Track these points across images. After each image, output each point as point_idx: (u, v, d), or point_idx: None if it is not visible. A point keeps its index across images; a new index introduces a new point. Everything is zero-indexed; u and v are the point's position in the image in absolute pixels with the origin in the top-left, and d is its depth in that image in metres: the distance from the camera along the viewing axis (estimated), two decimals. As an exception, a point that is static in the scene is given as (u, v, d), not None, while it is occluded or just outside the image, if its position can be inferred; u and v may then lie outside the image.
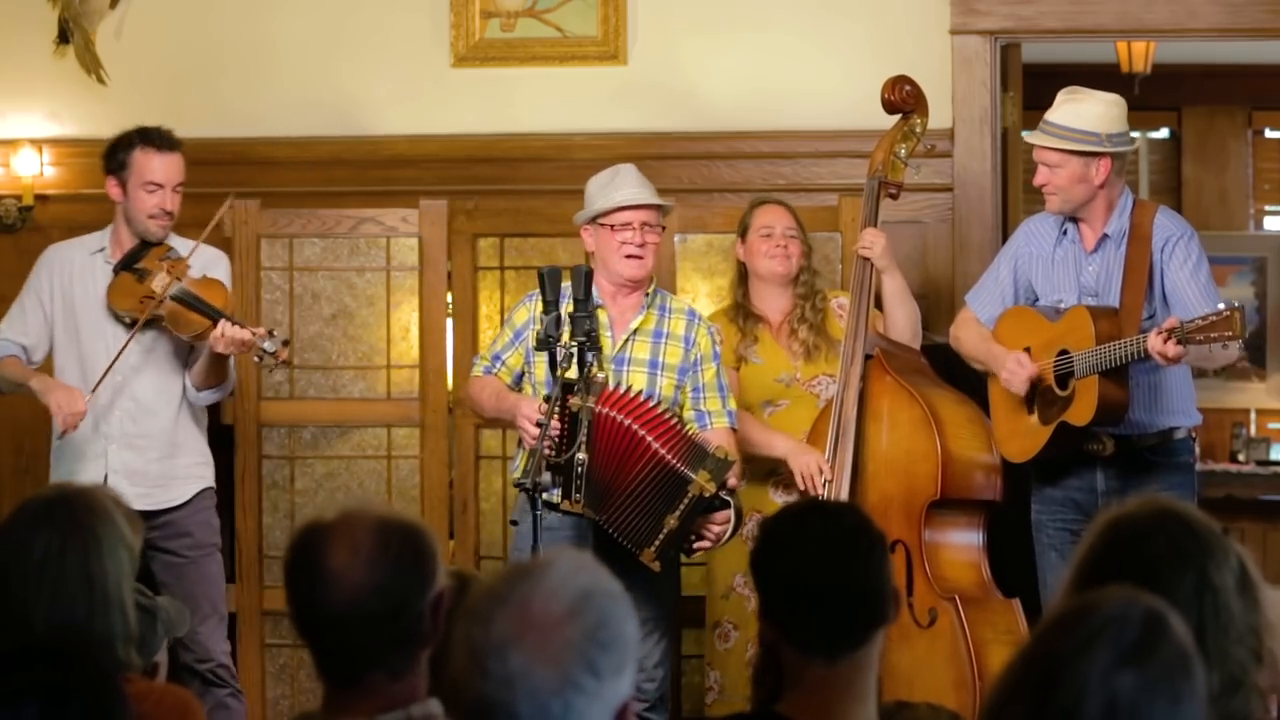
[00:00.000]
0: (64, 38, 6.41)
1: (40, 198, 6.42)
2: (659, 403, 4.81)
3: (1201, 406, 5.19)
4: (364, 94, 6.37)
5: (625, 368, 4.92)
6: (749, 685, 2.74)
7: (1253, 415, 9.37)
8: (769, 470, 5.30)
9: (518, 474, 4.94)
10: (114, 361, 5.13)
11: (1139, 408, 4.92)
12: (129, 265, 5.24)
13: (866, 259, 5.26)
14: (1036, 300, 5.13)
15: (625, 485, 4.68)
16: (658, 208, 5.00)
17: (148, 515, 5.19)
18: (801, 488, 5.13)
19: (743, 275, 5.43)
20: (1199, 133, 9.81)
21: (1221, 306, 4.58)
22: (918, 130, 5.43)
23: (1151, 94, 9.02)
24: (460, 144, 6.28)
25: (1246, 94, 9.68)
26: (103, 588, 2.83)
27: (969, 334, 5.23)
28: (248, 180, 6.18)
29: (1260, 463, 9.07)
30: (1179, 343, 4.58)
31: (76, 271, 5.31)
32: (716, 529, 4.77)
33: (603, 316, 4.92)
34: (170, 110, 6.37)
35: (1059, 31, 6.23)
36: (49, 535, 2.83)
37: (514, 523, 4.97)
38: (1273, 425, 9.40)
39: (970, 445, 5.12)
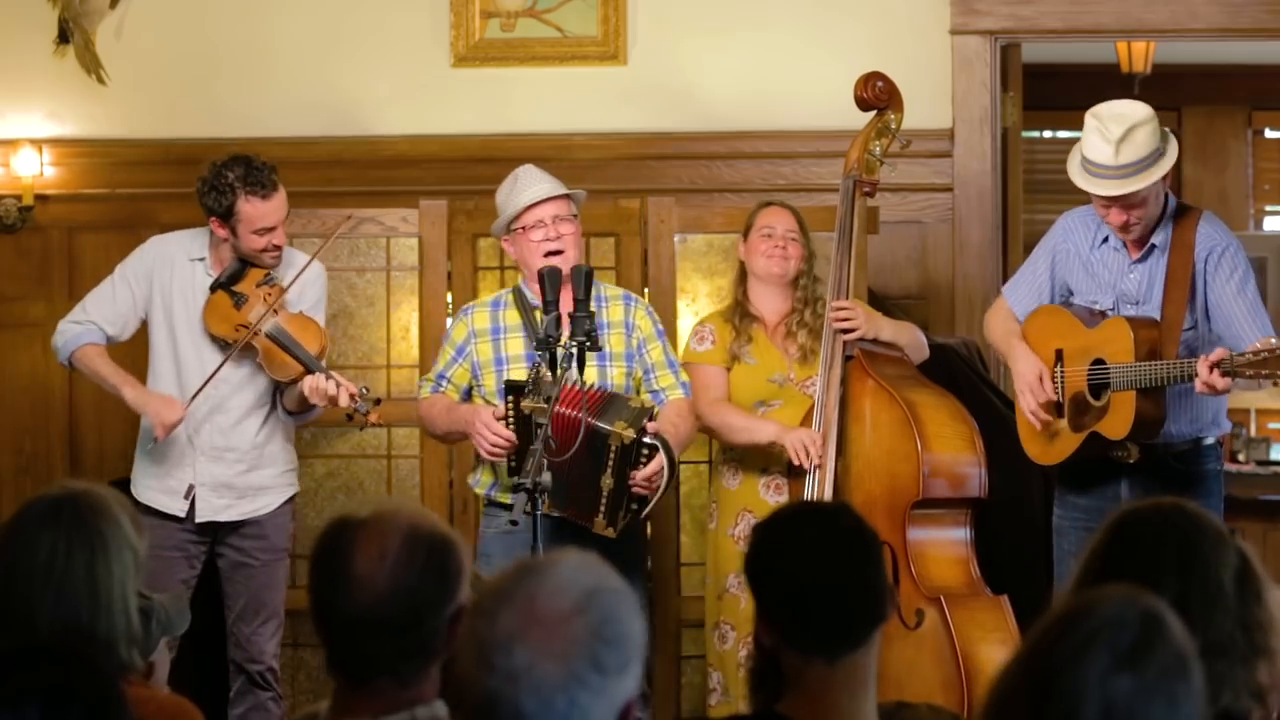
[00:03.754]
0: (64, 38, 6.41)
1: (40, 198, 6.42)
2: (592, 386, 4.79)
3: (1202, 407, 5.15)
4: (364, 94, 6.37)
5: (572, 364, 4.91)
6: (744, 686, 2.74)
7: (1253, 415, 9.37)
8: (761, 467, 5.29)
9: (482, 486, 4.98)
10: (208, 380, 5.09)
11: (1172, 419, 4.82)
12: (227, 285, 5.16)
13: (843, 330, 5.18)
14: (1070, 297, 5.04)
15: (566, 464, 4.63)
16: (566, 198, 4.99)
17: (230, 521, 5.19)
18: (796, 462, 5.11)
19: (742, 274, 5.43)
20: (1199, 133, 9.81)
21: (1274, 342, 4.45)
22: (892, 127, 5.38)
23: (1151, 94, 8.99)
24: (460, 144, 6.28)
25: (1246, 94, 9.69)
26: (107, 589, 2.83)
27: (998, 325, 5.14)
28: (247, 180, 6.18)
29: (1260, 463, 9.07)
30: (1226, 374, 4.48)
31: (176, 275, 5.22)
32: (649, 474, 4.74)
33: (541, 319, 4.92)
34: (170, 110, 6.39)
35: (1059, 31, 6.24)
36: (55, 535, 2.82)
37: (514, 523, 4.97)
38: (1273, 425, 9.40)
39: (951, 444, 5.11)
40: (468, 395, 5.01)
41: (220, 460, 5.19)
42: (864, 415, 5.17)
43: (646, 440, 4.73)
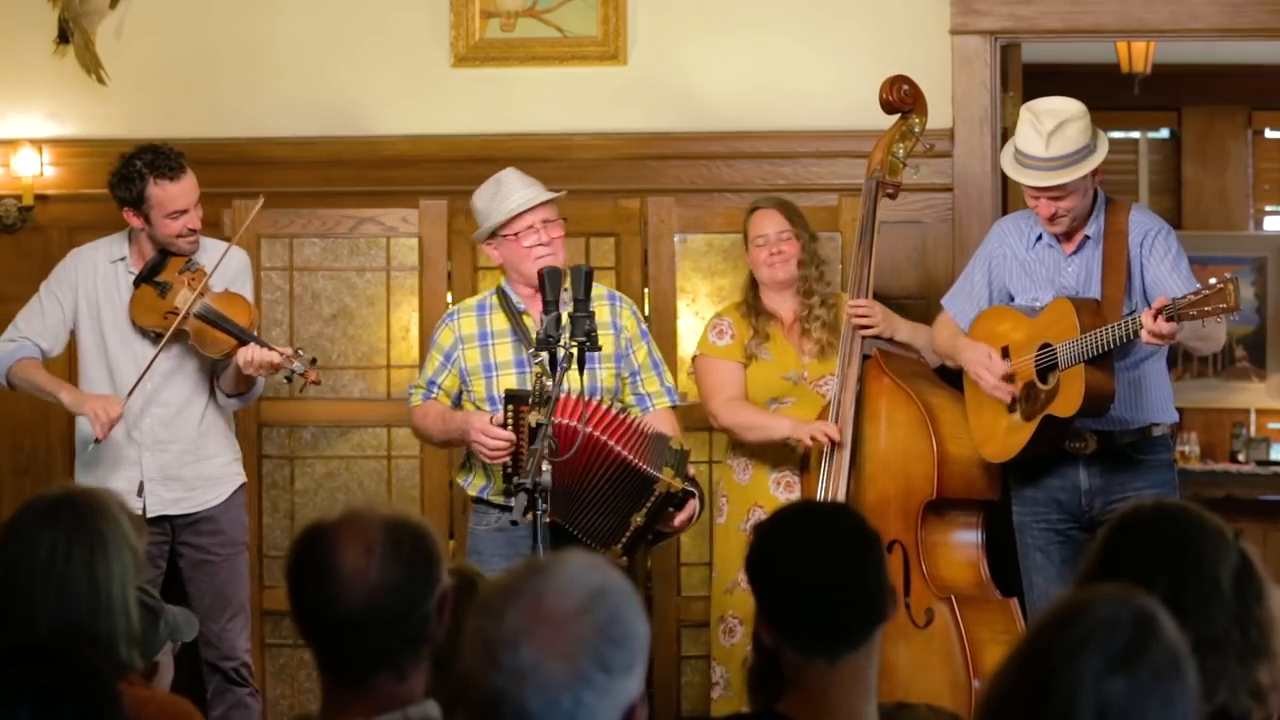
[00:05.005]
0: (64, 38, 6.41)
1: (40, 198, 6.42)
2: (603, 400, 4.84)
3: (1201, 406, 5.21)
4: (364, 94, 6.37)
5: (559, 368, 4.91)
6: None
7: (1253, 415, 9.37)
8: (773, 463, 5.31)
9: (474, 489, 4.99)
10: (143, 374, 5.13)
11: (1120, 404, 4.93)
12: (150, 277, 5.22)
13: (861, 328, 5.23)
14: (1012, 300, 5.14)
15: (588, 489, 4.72)
16: (550, 202, 5.01)
17: (182, 517, 5.21)
18: (810, 444, 5.14)
19: (752, 279, 5.46)
20: (1199, 133, 9.81)
21: (1214, 281, 4.56)
22: (916, 130, 5.43)
23: (1151, 94, 9.03)
24: (460, 144, 6.27)
25: (1246, 94, 9.68)
26: (107, 588, 2.83)
27: (942, 333, 5.26)
28: (247, 180, 6.17)
29: (1260, 463, 9.07)
30: (1170, 319, 4.60)
31: (100, 279, 5.29)
32: (682, 518, 4.82)
33: (529, 322, 4.93)
34: (170, 110, 6.38)
35: (1059, 31, 6.24)
36: (55, 535, 2.83)
37: (514, 523, 4.96)
38: (1273, 425, 9.39)
39: (968, 445, 5.13)
40: (458, 401, 5.01)
41: (165, 451, 5.23)
42: (880, 414, 5.18)
43: (687, 488, 4.78)
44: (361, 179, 6.32)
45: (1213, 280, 4.58)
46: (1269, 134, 9.91)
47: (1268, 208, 9.93)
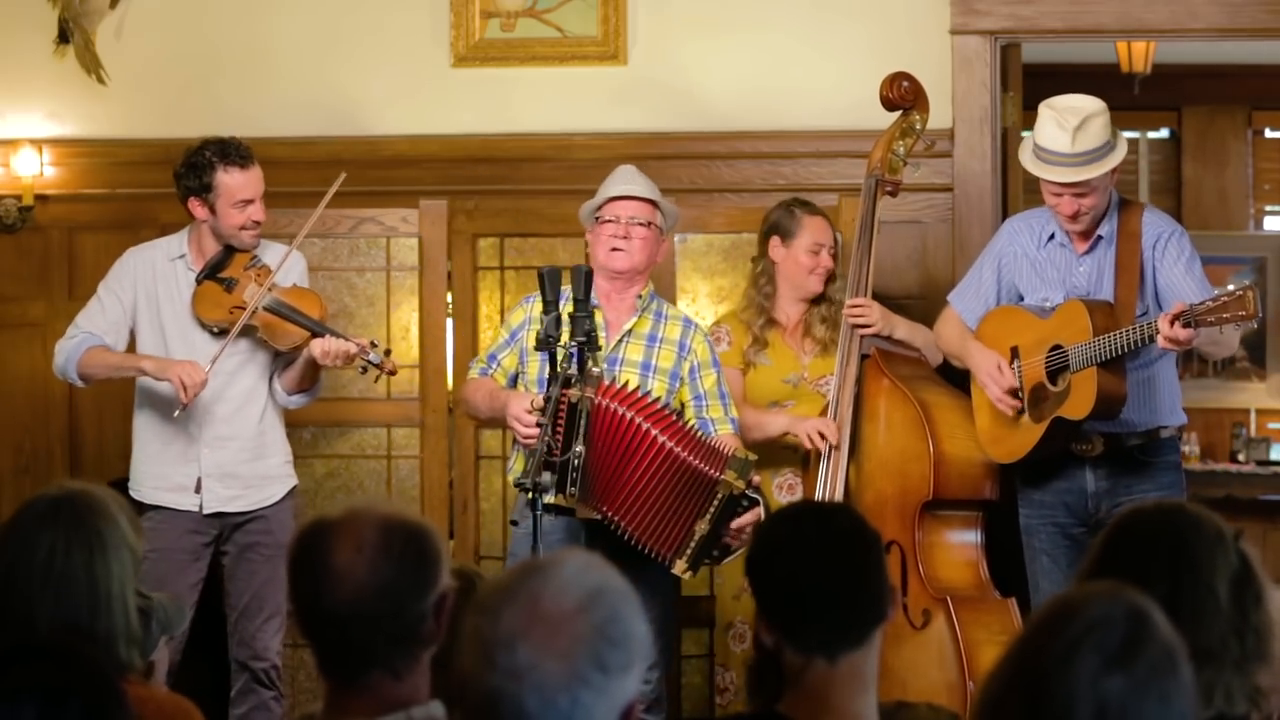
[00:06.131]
0: (64, 38, 6.41)
1: (40, 198, 6.41)
2: (656, 399, 4.79)
3: (1201, 406, 5.21)
4: (363, 94, 6.36)
5: (618, 368, 4.91)
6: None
7: (1253, 415, 9.38)
8: (774, 467, 5.30)
9: (515, 474, 4.93)
10: (224, 346, 5.11)
11: (1130, 407, 4.90)
12: (214, 274, 5.20)
13: (859, 327, 5.21)
14: (1021, 300, 5.12)
15: (634, 484, 4.63)
16: (648, 203, 4.98)
17: (236, 515, 5.20)
18: (809, 446, 5.12)
19: (770, 275, 5.38)
20: (1199, 133, 9.81)
21: (1232, 287, 4.54)
22: (917, 127, 5.41)
23: (1151, 94, 9.03)
24: (460, 144, 6.27)
25: (1246, 94, 9.69)
26: (106, 588, 2.84)
27: (949, 332, 5.22)
28: (247, 180, 6.17)
29: (1260, 463, 9.07)
30: (1187, 325, 4.55)
31: (159, 276, 5.26)
32: (745, 524, 4.69)
33: (599, 317, 4.92)
34: (170, 110, 6.38)
35: (1059, 31, 6.23)
36: (54, 534, 2.83)
37: (514, 523, 4.97)
38: (1273, 425, 9.40)
39: (965, 445, 5.12)
40: (514, 382, 5.00)
41: (224, 449, 5.21)
42: (878, 414, 5.17)
43: (750, 493, 4.71)
44: (361, 179, 6.31)
45: (1231, 286, 4.55)
46: (1269, 134, 9.92)
47: (1268, 208, 9.94)
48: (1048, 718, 1.88)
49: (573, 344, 4.49)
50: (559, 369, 4.49)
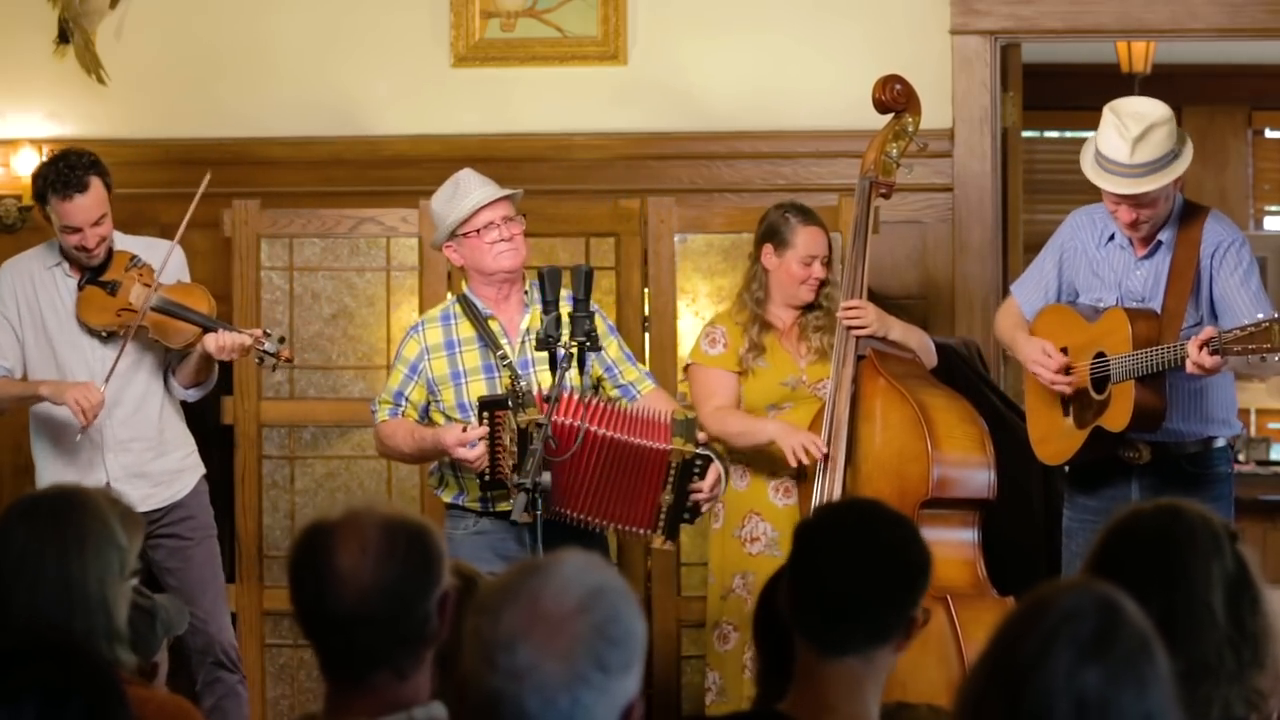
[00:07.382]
0: (64, 38, 6.41)
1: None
2: (583, 394, 4.76)
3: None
4: (363, 94, 6.37)
5: (530, 370, 4.89)
6: (750, 686, 2.75)
7: (1253, 415, 9.38)
8: (770, 470, 5.29)
9: (446, 495, 4.93)
10: (116, 361, 5.11)
11: (1179, 416, 4.79)
12: (95, 278, 5.18)
13: (854, 328, 5.19)
14: (1077, 297, 5.03)
15: (589, 481, 4.67)
16: (509, 198, 4.97)
17: (152, 512, 5.21)
18: (793, 463, 5.11)
19: (763, 281, 5.35)
20: (1199, 133, 9.79)
21: (1261, 317, 4.45)
22: (910, 129, 5.37)
23: (1151, 94, 8.98)
24: (460, 144, 6.27)
25: (1246, 94, 9.69)
26: (81, 586, 2.82)
27: (1005, 322, 5.14)
28: (247, 180, 6.18)
29: (1260, 463, 9.07)
30: (1215, 353, 4.45)
31: (38, 286, 5.24)
32: (711, 484, 4.76)
33: (495, 327, 4.91)
34: (170, 110, 6.39)
35: (1059, 31, 6.24)
36: (28, 533, 2.84)
37: (514, 523, 4.96)
38: (1273, 425, 9.40)
39: (961, 445, 5.11)
40: (425, 413, 4.97)
41: (128, 451, 5.23)
42: (874, 414, 5.16)
43: (701, 451, 4.72)
44: (361, 179, 6.32)
45: (1260, 316, 4.47)
46: (1269, 134, 9.92)
47: (1268, 208, 9.94)
48: (1027, 716, 1.88)
49: (573, 344, 4.49)
50: (559, 369, 4.49)
